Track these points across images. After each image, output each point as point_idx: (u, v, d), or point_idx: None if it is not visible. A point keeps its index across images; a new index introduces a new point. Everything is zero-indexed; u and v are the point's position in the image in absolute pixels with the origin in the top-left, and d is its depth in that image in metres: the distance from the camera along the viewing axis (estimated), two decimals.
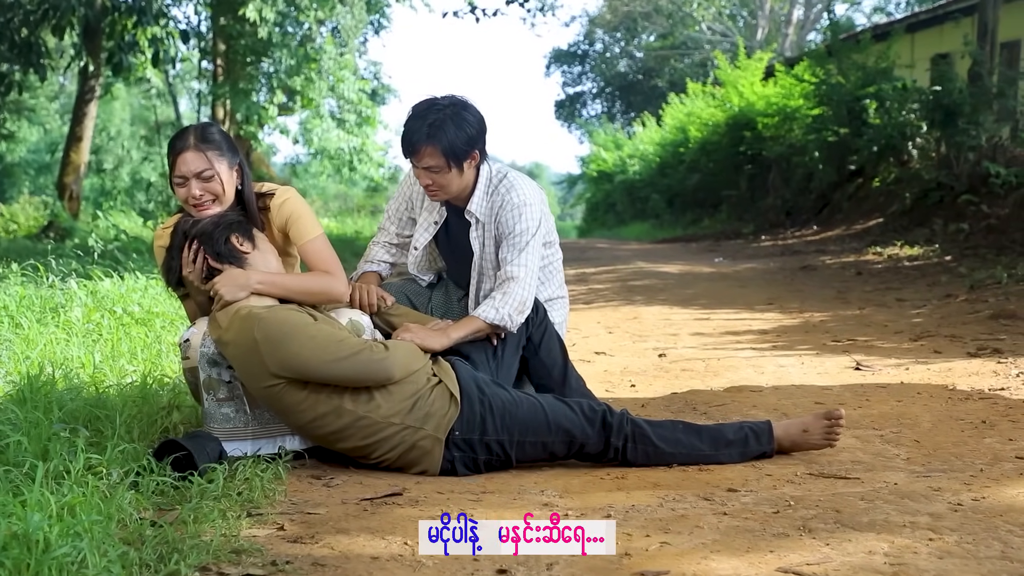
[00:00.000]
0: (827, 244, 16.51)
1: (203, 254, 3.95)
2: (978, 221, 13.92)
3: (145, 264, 9.60)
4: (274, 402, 3.81)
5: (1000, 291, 8.73)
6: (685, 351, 6.63)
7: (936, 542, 3.00)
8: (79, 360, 5.24)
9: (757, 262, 14.20)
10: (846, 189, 21.08)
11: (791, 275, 11.94)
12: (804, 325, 7.74)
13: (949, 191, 15.54)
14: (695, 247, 19.28)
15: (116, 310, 6.49)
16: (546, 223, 4.34)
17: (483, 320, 4.13)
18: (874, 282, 10.67)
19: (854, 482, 3.66)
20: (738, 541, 3.07)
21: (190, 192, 4.02)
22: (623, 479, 3.78)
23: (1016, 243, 11.60)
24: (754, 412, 4.78)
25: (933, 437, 4.26)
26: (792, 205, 23.22)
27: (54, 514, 2.89)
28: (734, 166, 26.50)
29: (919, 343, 6.64)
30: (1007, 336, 6.69)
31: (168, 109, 36.38)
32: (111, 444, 3.63)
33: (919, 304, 8.56)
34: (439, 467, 3.83)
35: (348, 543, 3.08)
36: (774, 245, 18.13)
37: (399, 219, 4.56)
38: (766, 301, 9.40)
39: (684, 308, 8.87)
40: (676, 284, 10.77)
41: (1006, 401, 4.88)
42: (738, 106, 25.85)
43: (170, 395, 4.73)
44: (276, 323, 3.74)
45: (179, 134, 4.11)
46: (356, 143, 29.81)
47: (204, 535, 3.08)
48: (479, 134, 4.16)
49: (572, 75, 51.33)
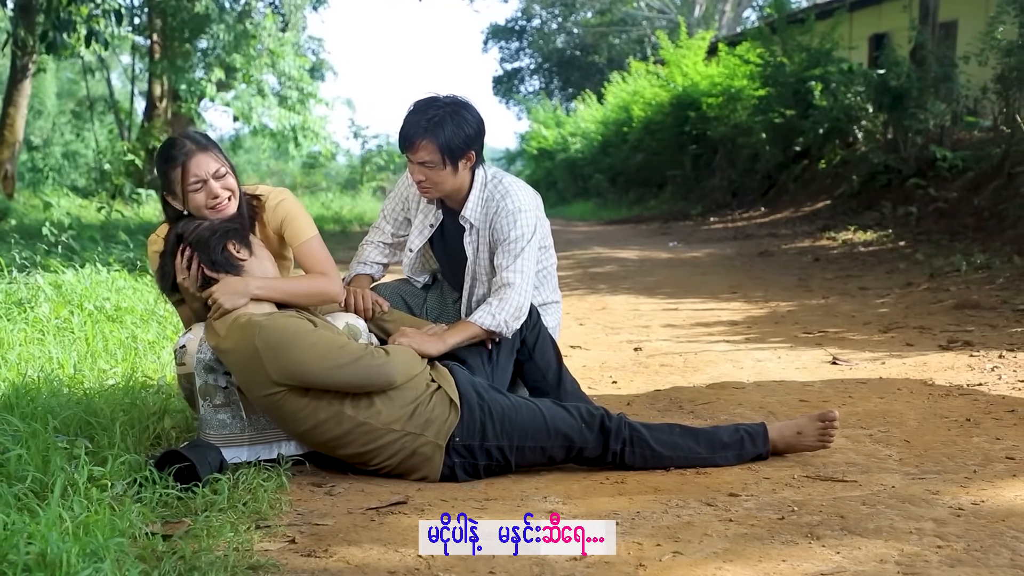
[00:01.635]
0: (778, 227, 16.64)
1: (198, 262, 3.90)
2: (926, 205, 14.10)
3: (100, 253, 9.47)
4: (274, 410, 3.78)
5: (960, 280, 8.86)
6: (660, 344, 6.66)
7: (945, 550, 3.04)
8: (57, 361, 5.17)
9: (712, 247, 14.28)
10: (792, 170, 21.27)
11: (749, 261, 12.03)
12: (772, 315, 7.80)
13: (897, 174, 15.73)
14: (645, 229, 19.35)
15: (87, 306, 6.40)
16: (541, 228, 4.35)
17: (479, 326, 4.14)
18: (833, 269, 10.77)
19: (852, 485, 3.70)
20: (748, 550, 3.10)
21: (210, 192, 3.98)
22: (623, 483, 3.80)
23: (968, 228, 11.76)
24: (740, 411, 4.82)
25: (921, 436, 4.31)
26: (738, 186, 23.38)
27: (70, 532, 2.86)
28: (678, 146, 26.62)
29: (889, 335, 6.72)
30: (975, 327, 6.79)
31: (97, 84, 35.73)
32: (112, 455, 3.60)
33: (882, 293, 8.66)
34: (439, 473, 3.83)
35: (362, 556, 3.08)
36: (725, 228, 18.24)
37: (394, 219, 4.55)
38: (729, 289, 9.46)
39: (650, 297, 8.91)
40: (637, 271, 10.82)
41: (986, 397, 4.95)
42: (682, 86, 25.96)
43: (155, 398, 4.69)
44: (277, 331, 3.71)
45: (172, 144, 4.04)
46: (298, 120, 29.60)
47: (217, 549, 3.07)
48: (477, 135, 4.16)
49: (510, 51, 51.25)
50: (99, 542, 2.86)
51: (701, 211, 22.22)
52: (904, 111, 15.55)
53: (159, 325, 6.36)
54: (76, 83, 39.01)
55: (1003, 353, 5.91)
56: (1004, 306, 7.47)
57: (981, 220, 11.82)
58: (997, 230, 11.07)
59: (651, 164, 28.59)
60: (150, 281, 7.81)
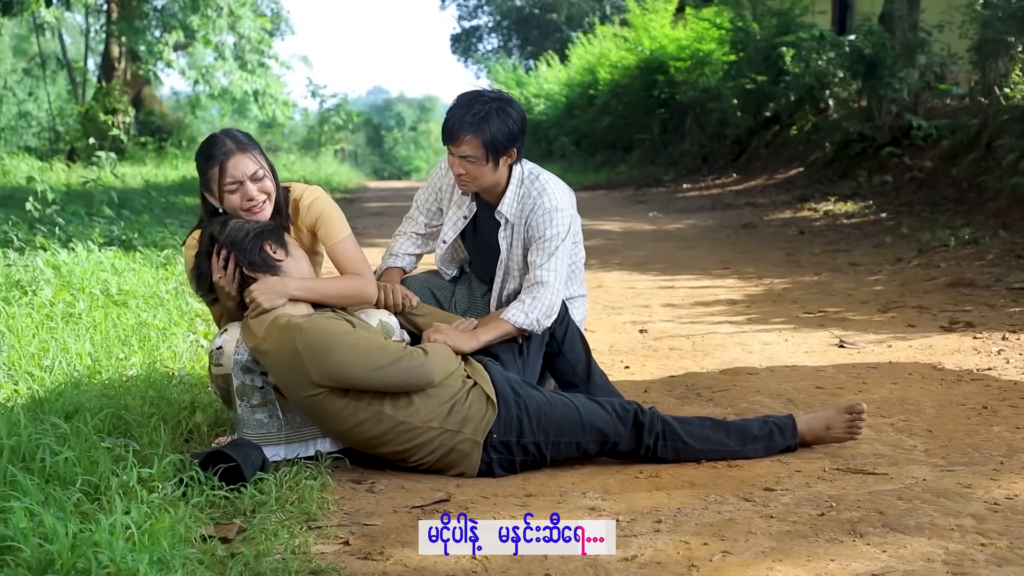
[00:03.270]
0: (754, 196, 16.72)
1: (235, 262, 3.91)
2: (901, 174, 14.21)
3: (84, 227, 9.39)
4: (314, 410, 3.81)
5: (949, 255, 8.96)
6: (664, 325, 6.70)
7: (989, 548, 3.11)
8: (72, 351, 5.16)
9: (693, 217, 14.33)
10: (763, 136, 21.33)
11: (734, 234, 12.09)
12: (769, 294, 7.87)
13: (871, 143, 15.82)
14: (619, 196, 19.36)
15: (91, 290, 6.37)
16: (574, 225, 4.38)
17: (512, 324, 4.18)
18: (819, 242, 10.85)
19: (884, 478, 3.77)
20: (796, 549, 3.15)
21: (246, 195, 4.00)
22: (657, 477, 3.85)
23: (948, 200, 11.86)
24: (759, 398, 4.88)
25: (942, 425, 4.38)
26: (709, 151, 23.44)
27: (136, 540, 2.87)
28: (646, 110, 26.60)
29: (889, 315, 6.80)
30: (972, 307, 6.88)
31: (48, 43, 35.05)
32: (157, 456, 3.61)
33: (874, 270, 8.74)
34: (477, 469, 3.88)
35: (418, 559, 3.13)
36: (700, 196, 18.30)
37: (428, 209, 4.58)
38: (720, 265, 9.52)
39: (643, 274, 8.96)
40: (624, 245, 10.87)
41: (998, 383, 5.03)
42: (649, 49, 25.89)
43: (179, 390, 4.70)
44: (318, 333, 3.73)
45: (213, 143, 4.07)
46: (261, 85, 29.37)
47: (275, 552, 3.10)
48: (520, 132, 4.19)
49: (467, 8, 50.77)
50: (165, 550, 2.89)
51: (673, 177, 22.26)
52: (879, 80, 15.63)
53: (164, 309, 6.34)
54: (26, 40, 38.26)
55: (1006, 335, 5.99)
56: (998, 284, 7.57)
57: (961, 191, 11.92)
58: (978, 202, 11.17)
59: (618, 127, 28.54)
60: (142, 259, 7.79)
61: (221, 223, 3.98)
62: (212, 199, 4.06)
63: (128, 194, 13.43)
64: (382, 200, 19.37)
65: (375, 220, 14.40)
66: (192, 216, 12.70)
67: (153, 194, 15.02)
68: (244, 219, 3.99)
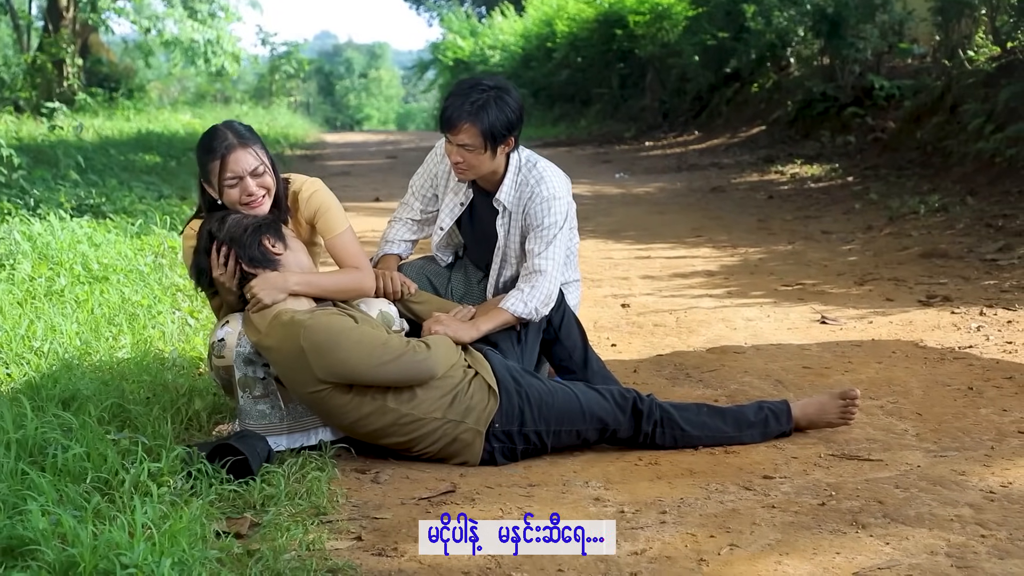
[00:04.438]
0: (718, 155, 16.80)
1: (235, 258, 3.92)
2: (864, 134, 14.32)
3: (50, 192, 9.28)
4: (318, 405, 3.85)
5: (920, 223, 9.06)
6: (645, 300, 6.75)
7: (989, 539, 3.19)
8: (61, 331, 5.14)
9: (660, 179, 14.37)
10: (724, 93, 21.42)
11: (703, 198, 12.14)
12: (745, 264, 7.94)
13: (834, 102, 15.91)
14: (582, 155, 19.37)
15: (72, 266, 6.33)
16: (571, 212, 4.41)
17: (511, 313, 4.22)
18: (789, 208, 10.93)
19: (879, 465, 3.84)
20: (801, 541, 3.22)
21: (245, 190, 4.00)
22: (657, 465, 3.91)
23: (914, 164, 11.97)
24: (748, 379, 4.94)
25: (930, 408, 4.46)
26: (669, 107, 23.49)
27: (156, 542, 2.89)
28: (605, 64, 26.59)
29: (866, 287, 6.89)
30: (948, 280, 6.98)
31: None
32: (165, 449, 3.62)
33: (846, 239, 8.83)
34: (480, 458, 3.92)
35: (432, 555, 3.15)
36: (664, 155, 18.36)
37: (423, 195, 4.58)
38: (693, 232, 9.58)
39: (617, 243, 8.99)
40: (594, 210, 10.88)
41: (980, 362, 5.13)
42: (608, 2, 25.78)
43: (174, 374, 4.70)
44: (322, 331, 3.75)
45: (214, 136, 4.05)
46: (212, 35, 29.00)
47: (290, 549, 3.12)
48: (518, 121, 4.21)
49: None
50: (185, 550, 2.91)
51: (635, 134, 22.30)
52: (841, 40, 15.69)
53: (146, 284, 6.31)
54: None
55: (983, 310, 6.09)
56: (971, 255, 7.67)
57: (926, 155, 12.02)
58: (943, 167, 11.28)
59: (576, 81, 28.51)
60: (115, 227, 7.74)
61: (219, 219, 3.98)
62: (211, 191, 4.05)
63: (86, 152, 13.25)
64: (344, 158, 19.28)
65: (341, 181, 14.29)
66: (155, 177, 12.62)
67: (112, 152, 14.83)
68: (242, 214, 3.99)
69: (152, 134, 19.25)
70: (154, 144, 17.47)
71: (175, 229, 8.11)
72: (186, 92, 35.39)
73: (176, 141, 18.64)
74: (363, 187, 13.39)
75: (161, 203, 10.05)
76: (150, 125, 21.86)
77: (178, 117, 25.58)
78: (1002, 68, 11.64)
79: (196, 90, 35.83)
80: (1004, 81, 11.03)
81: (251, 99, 36.52)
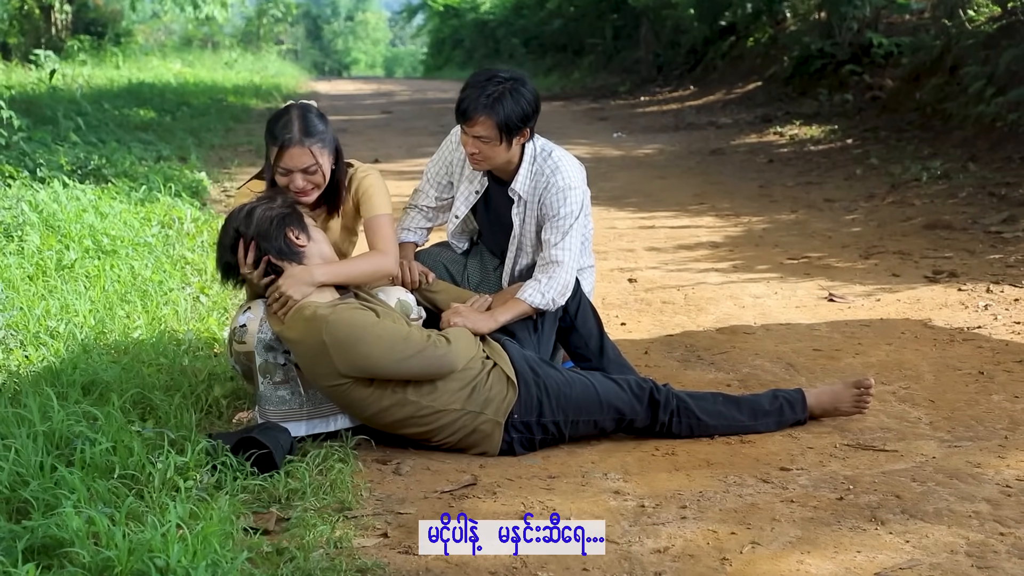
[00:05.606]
0: (715, 113, 16.76)
1: (262, 253, 3.94)
2: (862, 92, 14.31)
3: (50, 154, 9.24)
4: (340, 398, 3.89)
5: (922, 191, 9.08)
6: (651, 274, 6.78)
7: (1008, 537, 3.24)
8: (75, 310, 5.15)
9: (658, 139, 14.35)
10: (719, 47, 21.32)
11: (703, 162, 12.13)
12: (749, 235, 7.95)
13: (831, 59, 15.86)
14: (578, 110, 19.31)
15: (82, 240, 6.32)
16: (586, 200, 4.42)
17: (529, 304, 4.25)
18: (790, 173, 10.93)
19: (894, 456, 3.89)
20: (821, 538, 3.28)
21: (294, 184, 4.13)
22: (674, 455, 3.96)
23: (913, 126, 11.96)
24: (759, 362, 4.98)
25: (942, 394, 4.50)
26: (663, 60, 23.38)
27: (190, 543, 2.92)
28: (598, 14, 26.45)
29: (872, 261, 6.91)
30: (952, 253, 7.02)
31: None
32: (190, 442, 3.64)
33: (849, 207, 8.84)
34: (499, 448, 3.96)
35: (460, 554, 3.19)
36: (660, 112, 18.31)
37: (438, 183, 4.59)
38: (695, 199, 9.59)
39: (620, 210, 9.00)
40: (595, 175, 10.66)
41: (989, 343, 5.17)
42: None
43: (191, 357, 4.72)
44: (344, 326, 3.78)
45: (282, 122, 4.14)
46: None
47: (318, 546, 3.16)
48: (534, 113, 4.22)
49: None
50: (217, 551, 2.95)
51: (629, 88, 22.20)
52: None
53: (155, 258, 6.32)
54: None
55: (990, 287, 6.12)
56: (975, 227, 7.70)
57: (925, 117, 12.02)
58: (943, 130, 11.28)
59: (569, 30, 28.40)
60: (118, 193, 7.72)
61: (246, 215, 3.98)
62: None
63: (81, 109, 13.19)
64: (339, 112, 19.13)
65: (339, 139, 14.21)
66: (152, 135, 12.58)
67: (107, 107, 14.77)
68: (267, 205, 3.99)
69: (144, 85, 19.16)
70: (147, 96, 17.40)
71: (179, 196, 8.12)
72: (172, 37, 35.09)
73: (169, 93, 18.58)
74: (361, 146, 13.33)
75: (162, 166, 10.01)
76: (140, 74, 21.74)
77: (168, 65, 25.44)
78: (1003, 29, 11.60)
79: (183, 34, 35.56)
80: (1005, 43, 11.00)
81: (239, 44, 36.25)
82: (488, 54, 34.41)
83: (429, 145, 13.49)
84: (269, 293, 3.96)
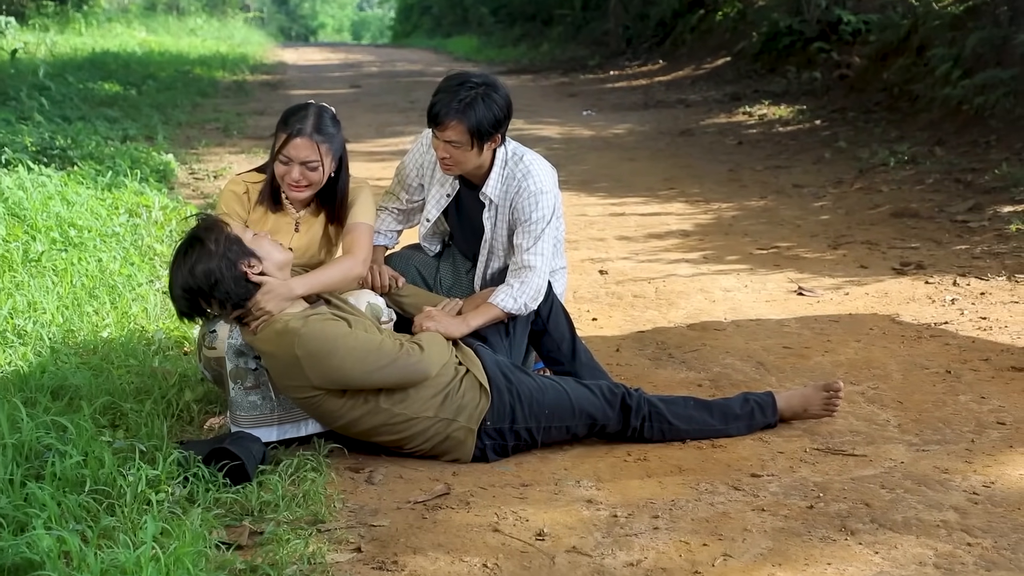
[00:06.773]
0: (684, 90, 16.79)
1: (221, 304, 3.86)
2: (829, 71, 14.34)
3: (12, 134, 9.15)
4: (312, 408, 3.89)
5: (889, 177, 9.13)
6: (622, 265, 6.78)
7: (976, 548, 3.28)
8: (42, 308, 5.12)
9: (629, 118, 14.32)
10: (688, 20, 21.33)
11: (672, 143, 12.12)
12: (719, 224, 7.97)
13: (799, 36, 15.90)
14: (547, 85, 19.28)
15: (49, 232, 6.26)
16: (558, 204, 4.42)
17: (501, 309, 4.24)
18: (758, 155, 10.95)
19: (863, 461, 3.92)
20: (792, 550, 3.30)
21: (291, 174, 4.14)
22: (646, 461, 3.98)
23: (881, 107, 12.01)
24: (729, 360, 5.01)
25: (910, 395, 4.54)
26: (632, 32, 23.36)
27: (163, 564, 2.91)
28: None
29: (840, 252, 6.95)
30: (919, 243, 7.06)
31: None
32: (162, 453, 3.63)
33: (818, 193, 8.87)
34: (471, 455, 3.97)
35: (432, 568, 3.21)
36: (630, 87, 18.31)
37: (409, 185, 4.57)
38: (665, 183, 9.59)
39: (590, 195, 8.99)
40: (566, 156, 10.82)
41: (956, 341, 5.21)
42: None
43: (161, 359, 4.70)
44: (316, 339, 3.75)
45: (298, 114, 4.16)
46: None
47: (292, 562, 3.16)
48: (505, 118, 4.21)
49: None
50: (191, 572, 2.94)
51: (598, 62, 22.16)
52: None
53: (122, 248, 6.28)
54: None
55: (956, 280, 6.17)
56: (941, 215, 7.75)
57: (893, 98, 12.07)
58: (910, 112, 11.34)
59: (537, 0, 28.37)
60: (83, 178, 7.65)
61: (189, 273, 3.80)
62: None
63: (43, 85, 13.06)
64: (306, 85, 19.04)
65: None
66: (117, 111, 12.48)
67: (71, 80, 14.62)
68: (201, 251, 3.80)
69: (108, 54, 18.96)
70: (112, 68, 17.22)
71: (146, 182, 8.06)
72: (136, 2, 34.68)
73: (134, 63, 18.39)
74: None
75: (128, 147, 9.92)
76: (104, 42, 21.50)
77: (132, 33, 25.19)
78: (969, 11, 11.67)
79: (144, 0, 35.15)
80: (971, 24, 11.07)
81: (204, 9, 35.92)
82: (456, 22, 34.31)
83: (399, 123, 13.54)
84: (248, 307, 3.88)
